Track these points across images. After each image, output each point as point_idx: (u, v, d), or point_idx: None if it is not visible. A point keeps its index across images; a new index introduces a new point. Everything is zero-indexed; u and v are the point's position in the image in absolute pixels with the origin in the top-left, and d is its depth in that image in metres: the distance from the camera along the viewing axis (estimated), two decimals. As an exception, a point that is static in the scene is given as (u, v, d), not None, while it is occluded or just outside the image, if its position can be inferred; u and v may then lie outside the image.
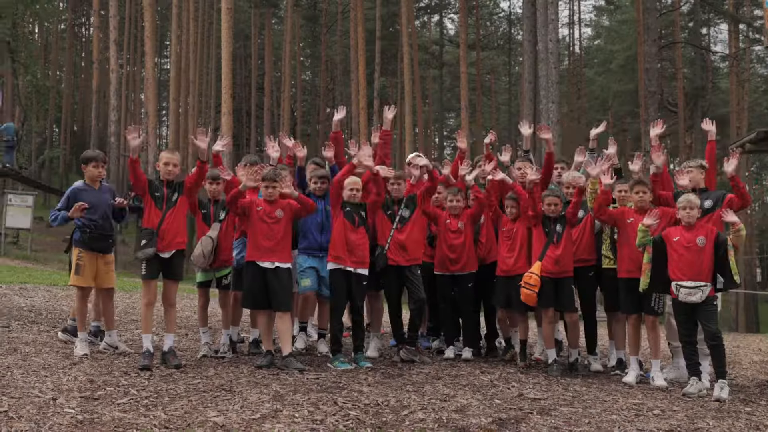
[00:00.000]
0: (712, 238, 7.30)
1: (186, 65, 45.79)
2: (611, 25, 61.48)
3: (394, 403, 6.25)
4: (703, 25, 47.17)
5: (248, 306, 8.04)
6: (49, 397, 6.04)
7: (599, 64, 59.17)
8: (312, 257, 8.37)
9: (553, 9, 26.28)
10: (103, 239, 8.10)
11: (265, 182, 7.84)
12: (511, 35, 62.94)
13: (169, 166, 7.73)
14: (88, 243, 8.03)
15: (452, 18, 66.25)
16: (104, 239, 8.12)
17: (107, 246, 8.17)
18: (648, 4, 31.58)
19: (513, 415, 6.01)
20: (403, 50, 41.19)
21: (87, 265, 8.02)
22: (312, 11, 57.56)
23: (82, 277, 8.04)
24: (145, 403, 5.98)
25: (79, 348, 7.93)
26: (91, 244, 8.04)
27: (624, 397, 7.02)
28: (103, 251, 8.14)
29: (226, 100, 30.02)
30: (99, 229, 8.05)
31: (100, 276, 8.13)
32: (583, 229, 8.48)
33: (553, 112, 24.91)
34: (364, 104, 39.25)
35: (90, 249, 8.04)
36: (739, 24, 45.53)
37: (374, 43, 45.13)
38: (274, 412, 5.80)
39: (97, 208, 8.05)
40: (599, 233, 8.57)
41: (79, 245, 8.06)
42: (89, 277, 8.06)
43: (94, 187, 8.18)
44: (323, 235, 8.38)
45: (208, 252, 7.99)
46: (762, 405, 7.06)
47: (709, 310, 7.26)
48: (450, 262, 8.69)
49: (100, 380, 6.70)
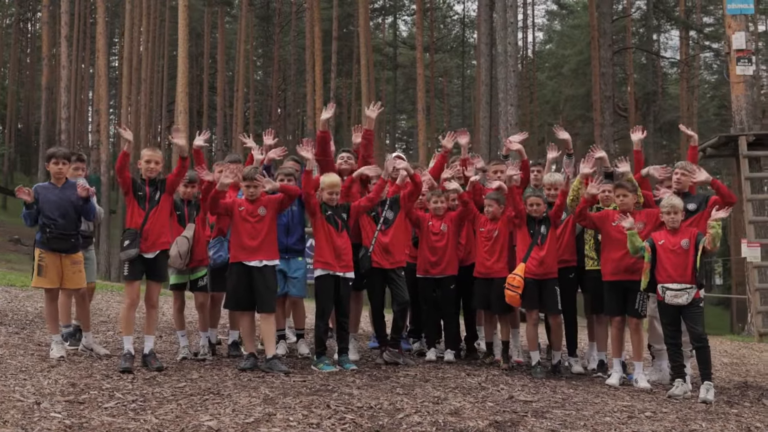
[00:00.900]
0: (693, 240, 7.34)
1: (138, 63, 45.14)
2: (563, 30, 62.08)
3: (387, 406, 6.17)
4: (654, 31, 47.81)
5: (231, 307, 7.90)
6: (32, 401, 5.85)
7: (551, 68, 59.66)
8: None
9: (512, 12, 26.35)
10: (63, 239, 7.71)
11: (245, 182, 7.69)
12: (465, 38, 63.30)
13: (150, 164, 7.52)
14: (47, 243, 7.70)
15: (406, 20, 66.47)
16: (65, 239, 7.72)
17: (70, 246, 7.79)
18: (603, 9, 31.98)
19: (508, 418, 5.96)
20: (361, 51, 41.03)
21: (49, 266, 7.71)
22: (265, 11, 57.19)
23: (44, 279, 7.74)
24: (133, 407, 5.83)
25: (55, 350, 7.69)
26: (51, 245, 7.70)
27: (612, 399, 7.02)
28: (66, 251, 7.77)
29: (182, 99, 29.61)
30: (59, 228, 7.67)
31: (66, 277, 7.80)
32: (564, 229, 8.48)
33: (511, 114, 24.97)
34: (320, 104, 39.03)
35: (50, 249, 7.71)
36: (689, 31, 46.35)
37: (330, 44, 44.93)
38: (267, 416, 5.68)
39: (57, 208, 7.68)
40: (581, 234, 8.58)
41: (39, 245, 7.76)
42: (53, 278, 7.74)
43: (56, 185, 7.80)
44: (289, 237, 8.25)
45: (184, 252, 7.81)
46: (747, 406, 7.13)
47: (695, 312, 7.30)
48: (431, 265, 8.61)
49: (82, 383, 6.52)
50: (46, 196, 7.69)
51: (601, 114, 31.82)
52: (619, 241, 7.83)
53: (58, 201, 7.68)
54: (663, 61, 50.49)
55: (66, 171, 7.85)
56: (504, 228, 8.42)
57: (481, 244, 8.55)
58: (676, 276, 7.26)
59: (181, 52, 30.28)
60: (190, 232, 7.90)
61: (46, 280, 7.74)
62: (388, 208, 8.39)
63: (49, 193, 7.73)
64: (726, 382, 8.92)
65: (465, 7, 66.60)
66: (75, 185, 7.77)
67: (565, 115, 55.24)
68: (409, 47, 61.72)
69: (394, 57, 60.90)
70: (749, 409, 7.01)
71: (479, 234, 8.59)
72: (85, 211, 7.84)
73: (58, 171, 7.77)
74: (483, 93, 33.18)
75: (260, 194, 7.70)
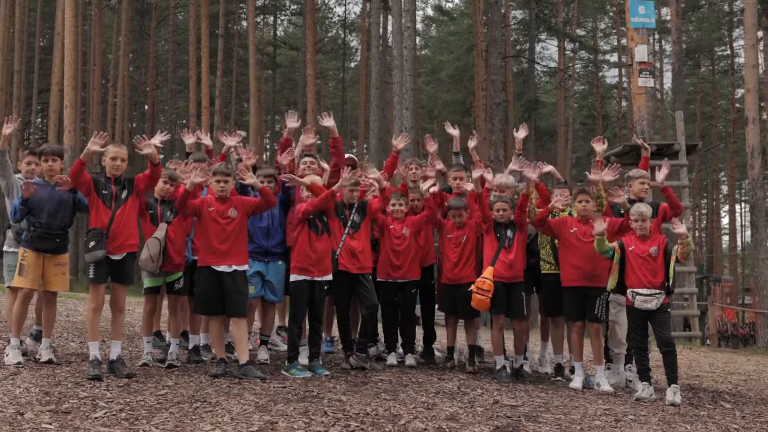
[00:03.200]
0: (663, 247, 7.57)
1: (9, 52, 43.08)
2: (440, 36, 62.99)
3: (382, 412, 6.10)
4: (533, 40, 49.08)
5: (200, 312, 7.63)
6: (13, 411, 5.52)
7: (427, 73, 60.44)
8: (258, 261, 8.01)
9: (409, 17, 26.62)
10: (49, 239, 7.30)
11: (216, 176, 7.38)
12: (345, 41, 63.42)
13: (116, 161, 7.11)
14: (31, 242, 7.27)
15: (286, 19, 65.98)
16: (50, 239, 7.31)
17: (56, 246, 7.38)
18: (494, 18, 32.66)
19: (506, 423, 6.00)
20: (250, 49, 40.43)
21: (31, 266, 7.28)
22: (142, 4, 55.60)
23: (24, 279, 7.29)
24: (125, 417, 5.57)
25: (12, 356, 7.24)
26: (35, 244, 7.27)
27: (588, 402, 7.14)
28: (52, 252, 7.37)
29: (69, 93, 28.46)
30: (44, 227, 7.26)
31: (47, 279, 7.40)
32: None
33: (407, 118, 25.18)
34: (206, 102, 38.24)
35: (34, 249, 7.28)
36: (566, 41, 47.94)
37: (214, 42, 44.08)
38: (269, 425, 5.54)
39: (45, 205, 7.28)
40: (535, 238, 8.70)
41: (24, 244, 7.33)
42: (33, 278, 7.31)
43: (49, 182, 7.39)
44: (270, 239, 8.06)
45: (155, 254, 7.42)
46: (710, 408, 7.41)
47: (663, 317, 7.53)
48: (393, 269, 8.55)
49: (55, 392, 6.17)
50: (36, 194, 7.26)
51: (490, 120, 32.49)
52: (577, 248, 8.00)
53: (47, 198, 7.29)
54: (540, 71, 51.94)
55: (57, 168, 7.44)
56: (472, 233, 8.45)
57: (450, 251, 8.53)
58: (645, 282, 7.47)
59: (68, 44, 29.03)
60: (161, 233, 7.53)
61: (26, 280, 7.30)
62: (355, 211, 8.28)
63: (39, 190, 7.30)
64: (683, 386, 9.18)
65: (346, 9, 66.41)
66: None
67: (440, 120, 56.10)
68: (288, 47, 61.38)
69: (274, 57, 60.31)
70: (714, 411, 7.28)
71: (447, 241, 8.58)
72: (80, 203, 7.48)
73: (48, 168, 7.39)
74: (374, 96, 33.30)
75: (230, 193, 7.45)
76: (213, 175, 7.40)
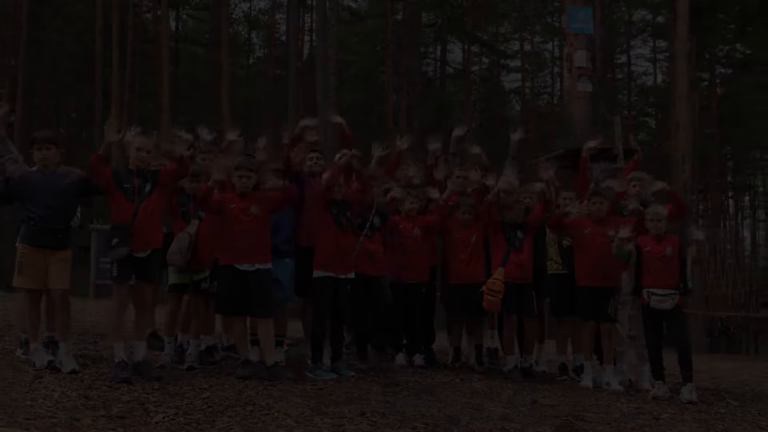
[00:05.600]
0: (677, 248, 7.74)
1: None
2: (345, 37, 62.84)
3: (436, 413, 6.05)
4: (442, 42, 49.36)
5: (224, 312, 7.35)
6: (66, 417, 5.25)
7: (331, 73, 60.12)
8: None
9: (333, 15, 26.43)
10: (48, 233, 6.72)
11: (239, 171, 7.03)
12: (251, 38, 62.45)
13: (142, 152, 6.71)
14: (29, 238, 6.74)
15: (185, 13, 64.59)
16: (50, 233, 6.73)
17: (56, 242, 6.78)
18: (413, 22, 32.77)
19: (559, 423, 6.05)
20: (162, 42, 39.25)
21: (30, 264, 6.71)
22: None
23: (24, 277, 6.75)
24: (184, 421, 5.39)
25: (39, 359, 6.75)
26: (33, 239, 6.73)
27: (612, 401, 7.21)
28: (52, 247, 6.76)
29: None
30: (42, 221, 6.70)
31: (50, 275, 6.76)
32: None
33: (331, 116, 24.89)
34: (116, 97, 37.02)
35: (33, 245, 6.73)
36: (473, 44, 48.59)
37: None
38: (336, 428, 5.44)
39: (42, 197, 6.72)
40: (542, 238, 8.74)
41: (22, 240, 6.78)
42: (34, 277, 6.74)
43: (44, 171, 6.84)
44: (275, 236, 7.76)
45: (184, 248, 7.10)
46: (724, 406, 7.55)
47: (678, 316, 7.70)
48: (402, 270, 8.37)
49: (95, 395, 5.89)
50: (31, 184, 6.77)
51: (412, 122, 32.62)
52: (592, 248, 8.09)
53: (43, 190, 6.72)
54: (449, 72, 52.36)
55: (53, 157, 6.87)
56: (480, 233, 8.41)
57: (459, 251, 8.46)
58: (661, 282, 7.62)
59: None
60: (192, 228, 7.19)
61: (25, 278, 6.74)
62: (376, 214, 8.02)
63: (35, 180, 6.79)
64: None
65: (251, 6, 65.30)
66: (65, 173, 6.89)
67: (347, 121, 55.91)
68: (190, 42, 60.14)
69: (176, 52, 58.91)
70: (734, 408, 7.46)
71: (455, 241, 8.50)
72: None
73: (42, 157, 6.80)
74: (290, 96, 32.96)
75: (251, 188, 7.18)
76: (236, 170, 7.07)
